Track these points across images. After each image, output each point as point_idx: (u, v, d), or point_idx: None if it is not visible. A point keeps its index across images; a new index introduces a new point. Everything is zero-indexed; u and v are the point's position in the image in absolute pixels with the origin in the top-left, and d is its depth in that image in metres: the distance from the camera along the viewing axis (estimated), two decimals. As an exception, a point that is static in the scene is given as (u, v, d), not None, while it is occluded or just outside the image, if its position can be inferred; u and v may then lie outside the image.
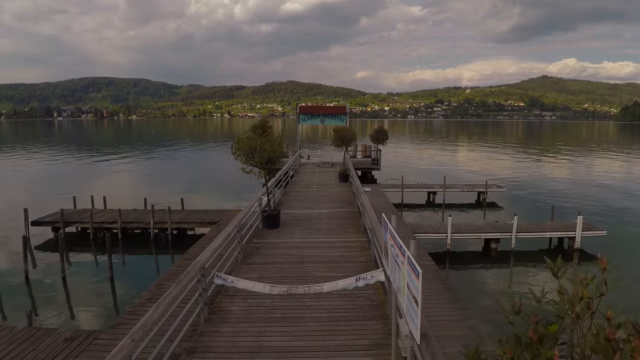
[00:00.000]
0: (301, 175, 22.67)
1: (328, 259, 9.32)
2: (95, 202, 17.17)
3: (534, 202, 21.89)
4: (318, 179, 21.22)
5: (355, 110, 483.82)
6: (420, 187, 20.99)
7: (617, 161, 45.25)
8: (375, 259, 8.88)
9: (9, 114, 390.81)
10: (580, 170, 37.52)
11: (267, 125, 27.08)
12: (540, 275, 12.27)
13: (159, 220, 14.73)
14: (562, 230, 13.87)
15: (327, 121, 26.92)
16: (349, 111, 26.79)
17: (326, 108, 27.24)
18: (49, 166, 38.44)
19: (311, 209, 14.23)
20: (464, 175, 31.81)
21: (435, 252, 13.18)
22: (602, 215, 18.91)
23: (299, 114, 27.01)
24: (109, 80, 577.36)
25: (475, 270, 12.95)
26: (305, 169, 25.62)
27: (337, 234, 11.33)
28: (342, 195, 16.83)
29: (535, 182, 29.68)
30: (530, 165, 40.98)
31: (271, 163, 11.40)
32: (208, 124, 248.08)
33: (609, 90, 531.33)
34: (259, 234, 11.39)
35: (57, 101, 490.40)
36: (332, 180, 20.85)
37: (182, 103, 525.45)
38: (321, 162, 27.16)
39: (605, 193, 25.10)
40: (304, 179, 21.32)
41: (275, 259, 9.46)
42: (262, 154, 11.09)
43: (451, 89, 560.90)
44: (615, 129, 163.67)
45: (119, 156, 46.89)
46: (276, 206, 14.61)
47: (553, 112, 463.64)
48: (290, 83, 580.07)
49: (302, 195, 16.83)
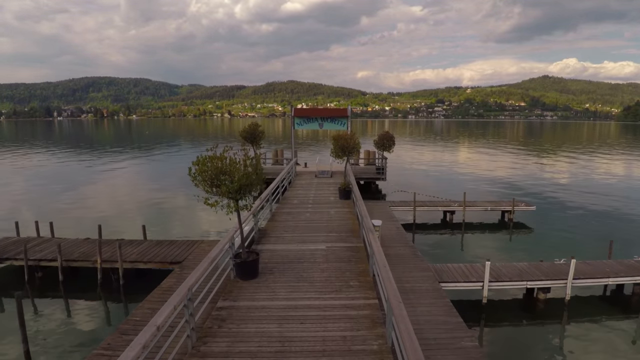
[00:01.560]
0: (295, 189, 19.54)
1: (322, 347, 6.20)
2: (51, 227, 14.01)
3: (573, 227, 18.24)
4: (314, 195, 18.08)
5: (356, 110, 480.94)
6: (436, 205, 17.83)
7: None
8: (394, 348, 5.84)
9: (8, 114, 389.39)
10: (628, 182, 31.22)
11: (258, 130, 24.02)
12: (604, 334, 9.21)
13: (109, 257, 11.57)
14: (627, 273, 10.69)
15: (326, 125, 23.71)
16: (350, 114, 23.60)
17: (325, 110, 23.98)
18: (16, 170, 35.29)
19: (303, 243, 11.10)
20: (480, 183, 28.65)
21: (466, 305, 10.08)
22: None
23: (294, 118, 23.75)
24: (109, 80, 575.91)
25: (515, 328, 9.81)
26: (300, 179, 22.49)
27: (336, 290, 8.20)
28: (343, 219, 13.70)
29: (570, 197, 24.82)
30: (559, 173, 35.90)
31: (244, 193, 8.28)
32: (208, 123, 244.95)
33: (610, 90, 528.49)
34: (229, 289, 8.27)
35: (57, 101, 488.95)
36: (331, 196, 17.71)
37: (183, 103, 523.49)
38: (319, 172, 24.02)
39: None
40: (298, 194, 18.18)
41: (245, 344, 6.33)
42: (232, 179, 7.97)
43: (452, 88, 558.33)
44: (621, 129, 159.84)
45: (101, 160, 43.72)
46: (258, 238, 11.51)
47: (554, 112, 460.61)
48: (291, 83, 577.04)
49: (294, 220, 13.71)
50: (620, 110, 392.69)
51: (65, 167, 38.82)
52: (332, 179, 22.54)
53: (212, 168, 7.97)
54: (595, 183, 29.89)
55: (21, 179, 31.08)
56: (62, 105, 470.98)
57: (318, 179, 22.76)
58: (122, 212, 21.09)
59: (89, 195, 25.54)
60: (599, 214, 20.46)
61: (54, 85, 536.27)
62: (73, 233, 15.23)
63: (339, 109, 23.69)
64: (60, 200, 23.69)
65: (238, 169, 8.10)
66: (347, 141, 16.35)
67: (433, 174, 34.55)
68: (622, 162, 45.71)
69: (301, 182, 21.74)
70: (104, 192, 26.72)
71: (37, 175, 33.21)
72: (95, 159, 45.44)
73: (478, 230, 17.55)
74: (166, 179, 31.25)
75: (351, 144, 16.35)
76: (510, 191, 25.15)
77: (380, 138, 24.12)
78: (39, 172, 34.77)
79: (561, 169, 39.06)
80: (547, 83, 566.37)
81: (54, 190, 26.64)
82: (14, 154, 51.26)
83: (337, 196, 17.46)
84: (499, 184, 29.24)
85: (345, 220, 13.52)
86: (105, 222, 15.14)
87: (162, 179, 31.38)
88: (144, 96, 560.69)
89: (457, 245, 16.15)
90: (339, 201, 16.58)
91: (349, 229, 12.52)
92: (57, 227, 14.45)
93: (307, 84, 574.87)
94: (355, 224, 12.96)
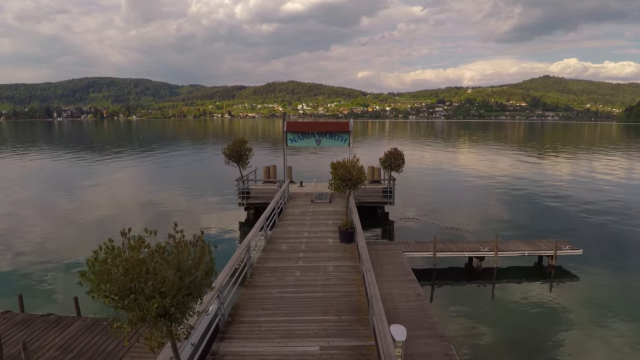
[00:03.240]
0: (285, 223, 16.11)
1: None
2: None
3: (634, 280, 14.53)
4: (309, 234, 14.66)
5: (357, 110, 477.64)
6: (461, 249, 14.39)
7: None
8: None
9: (8, 115, 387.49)
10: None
11: (245, 148, 20.66)
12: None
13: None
14: None
15: (324, 142, 20.27)
16: (352, 129, 20.18)
17: (323, 124, 20.58)
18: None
19: (287, 339, 7.65)
20: (504, 202, 25.21)
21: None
22: None
23: (286, 133, 20.30)
24: (109, 81, 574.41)
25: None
26: (294, 206, 19.07)
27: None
28: (345, 283, 10.26)
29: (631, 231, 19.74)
30: (607, 192, 29.34)
31: (180, 308, 4.87)
32: (208, 124, 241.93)
33: (611, 90, 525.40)
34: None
35: (57, 101, 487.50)
36: (330, 236, 14.30)
37: (183, 103, 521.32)
38: (316, 195, 20.63)
39: None
40: (288, 233, 14.75)
41: None
42: (155, 290, 4.55)
43: (452, 89, 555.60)
44: (632, 130, 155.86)
45: (84, 169, 40.27)
46: (224, 325, 8.11)
47: (555, 112, 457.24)
48: (291, 83, 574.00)
49: (278, 283, 10.29)
50: (622, 111, 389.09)
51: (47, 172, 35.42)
52: (330, 206, 19.14)
53: (121, 274, 4.55)
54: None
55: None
56: (62, 105, 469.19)
57: (314, 205, 19.35)
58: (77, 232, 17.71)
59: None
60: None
61: (55, 86, 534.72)
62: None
63: (338, 123, 20.28)
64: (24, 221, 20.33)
65: (167, 272, 4.69)
66: (350, 171, 12.96)
67: (446, 183, 31.10)
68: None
69: (294, 210, 18.31)
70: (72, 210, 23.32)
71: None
72: (81, 161, 42.00)
73: (509, 279, 14.12)
74: (154, 194, 27.83)
75: (355, 174, 12.95)
76: (548, 225, 21.40)
77: (387, 156, 20.78)
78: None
79: (607, 183, 34.24)
80: (548, 83, 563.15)
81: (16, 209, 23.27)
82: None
83: (336, 236, 14.09)
84: (530, 209, 25.82)
85: (348, 286, 10.08)
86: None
87: (150, 194, 27.96)
88: (144, 96, 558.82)
89: (487, 298, 12.76)
90: (339, 247, 13.16)
91: (354, 304, 9.09)
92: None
93: (308, 84, 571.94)
94: (362, 294, 9.57)
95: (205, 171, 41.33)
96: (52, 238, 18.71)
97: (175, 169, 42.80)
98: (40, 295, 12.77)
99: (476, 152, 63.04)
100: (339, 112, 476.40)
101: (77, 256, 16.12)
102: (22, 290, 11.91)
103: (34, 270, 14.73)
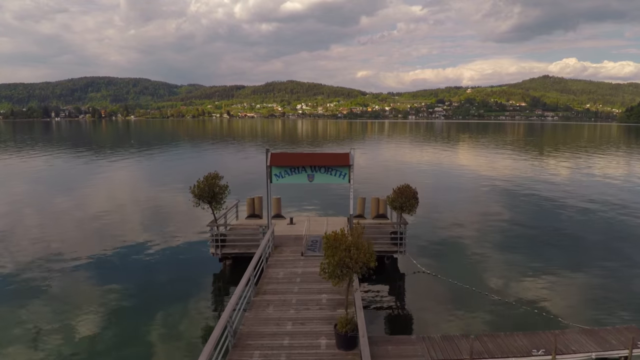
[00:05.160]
0: (262, 302, 11.82)
1: None
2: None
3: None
4: (292, 329, 10.34)
5: (356, 110, 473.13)
6: (507, 356, 10.23)
7: None
8: None
9: (6, 114, 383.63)
10: None
11: (218, 185, 16.44)
12: None
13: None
14: None
15: (318, 177, 15.97)
16: (353, 162, 15.94)
17: (316, 157, 16.20)
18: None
19: None
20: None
21: None
22: None
23: (270, 167, 15.94)
24: (108, 80, 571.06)
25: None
26: (277, 264, 14.76)
27: None
28: None
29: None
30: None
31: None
32: (206, 124, 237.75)
33: (611, 90, 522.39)
34: None
35: (56, 101, 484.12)
36: (322, 331, 10.04)
37: (182, 103, 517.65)
38: (308, 245, 16.43)
39: None
40: (265, 326, 10.50)
41: None
42: None
43: (452, 88, 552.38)
44: (627, 130, 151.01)
45: (72, 171, 35.96)
46: None
47: (555, 112, 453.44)
48: (291, 83, 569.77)
49: None
50: (622, 111, 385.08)
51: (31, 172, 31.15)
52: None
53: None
54: None
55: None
56: (61, 105, 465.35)
57: (305, 260, 15.13)
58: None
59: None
60: None
61: (53, 85, 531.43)
62: None
63: (336, 155, 15.98)
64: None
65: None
66: (350, 252, 8.76)
67: (461, 204, 26.31)
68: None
69: (277, 272, 14.05)
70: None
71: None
72: (70, 162, 37.72)
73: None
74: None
75: (361, 257, 8.76)
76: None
77: (397, 194, 16.55)
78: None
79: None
80: (548, 83, 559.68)
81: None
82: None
83: (330, 330, 9.91)
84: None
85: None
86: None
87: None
88: (143, 96, 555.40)
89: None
90: (336, 356, 9.00)
91: None
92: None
93: (307, 83, 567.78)
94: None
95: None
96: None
97: (170, 178, 38.45)
98: None
99: (491, 165, 58.24)
100: (338, 111, 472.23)
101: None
102: None
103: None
